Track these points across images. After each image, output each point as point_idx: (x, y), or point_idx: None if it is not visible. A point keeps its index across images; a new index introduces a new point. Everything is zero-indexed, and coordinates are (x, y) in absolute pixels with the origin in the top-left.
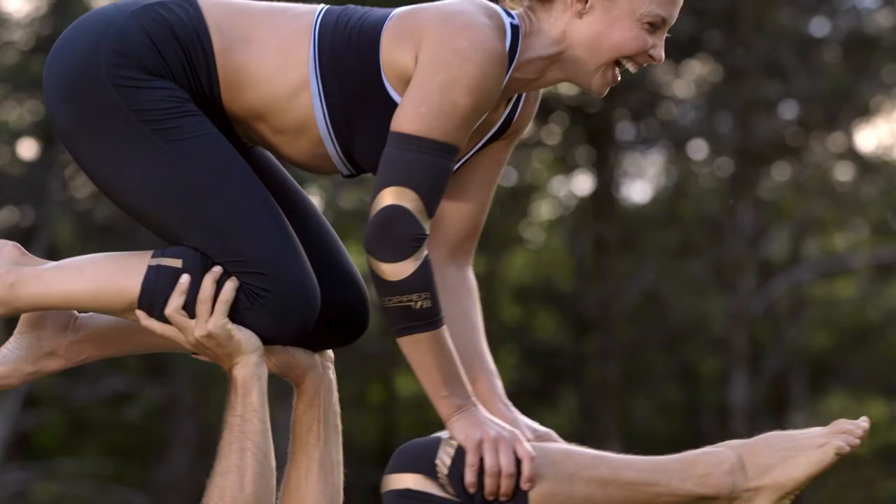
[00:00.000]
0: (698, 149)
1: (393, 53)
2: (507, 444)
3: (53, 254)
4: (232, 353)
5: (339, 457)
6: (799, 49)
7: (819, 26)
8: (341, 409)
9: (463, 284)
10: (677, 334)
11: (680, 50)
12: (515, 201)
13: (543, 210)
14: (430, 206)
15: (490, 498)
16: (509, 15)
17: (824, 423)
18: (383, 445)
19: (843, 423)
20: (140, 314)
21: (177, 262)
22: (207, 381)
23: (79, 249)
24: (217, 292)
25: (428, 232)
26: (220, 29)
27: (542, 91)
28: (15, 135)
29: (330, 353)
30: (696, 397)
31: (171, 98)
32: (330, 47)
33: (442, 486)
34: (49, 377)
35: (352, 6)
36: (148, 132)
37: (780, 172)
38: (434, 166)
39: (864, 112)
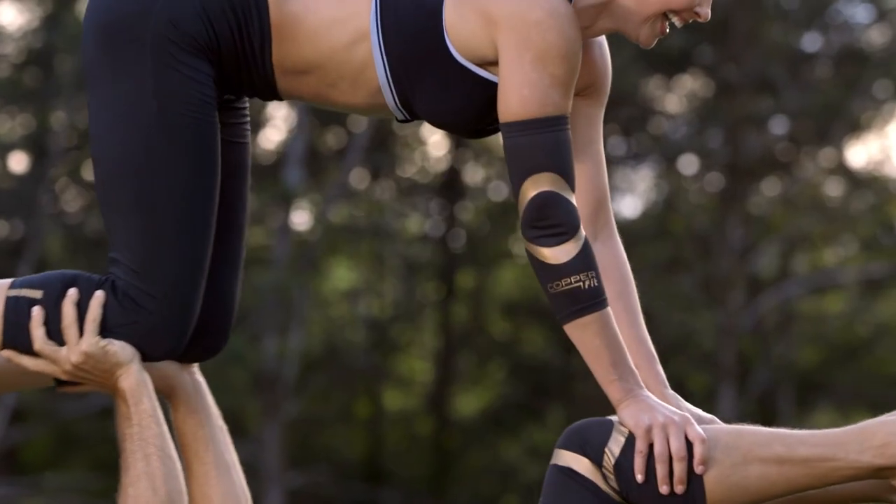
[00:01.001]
0: (689, 164)
1: (458, 26)
2: (678, 428)
3: (42, 267)
4: (112, 368)
5: (233, 455)
6: (790, 64)
7: (811, 41)
8: (329, 425)
9: (612, 262)
10: (666, 349)
11: (671, 65)
12: (505, 216)
13: None
14: (572, 181)
15: (663, 484)
16: None
17: None
18: (370, 461)
19: None
20: (8, 354)
21: (36, 293)
22: None
23: (68, 263)
24: (83, 311)
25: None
26: None
27: (604, 40)
28: (6, 148)
29: None
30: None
31: (197, 93)
32: (393, 4)
33: (605, 477)
34: (36, 391)
35: None
36: (154, 109)
37: (771, 188)
38: (560, 141)
39: (855, 127)
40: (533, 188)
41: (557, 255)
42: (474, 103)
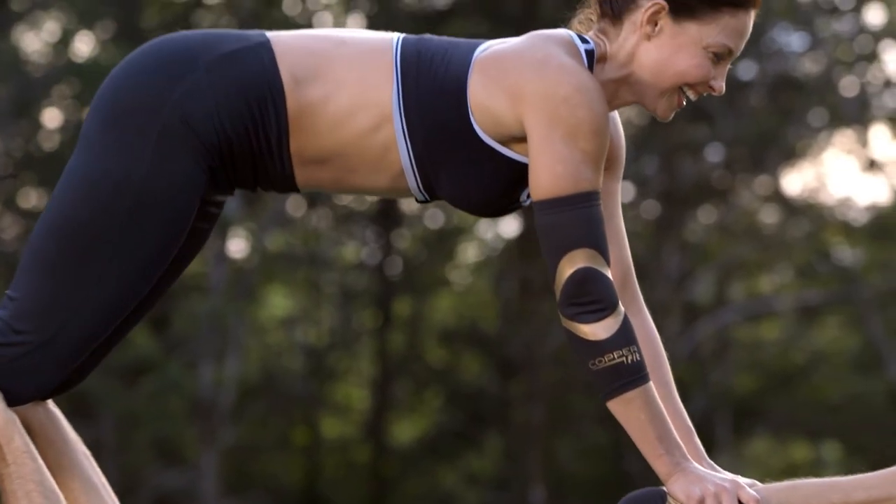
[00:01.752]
0: (625, 191)
1: (484, 104)
2: (731, 495)
3: None
4: None
5: (101, 478)
6: (725, 92)
7: (746, 70)
8: (266, 452)
9: (644, 336)
10: None
11: None
12: (442, 244)
13: (470, 252)
14: (607, 256)
15: None
16: (583, 40)
17: (749, 466)
18: (308, 488)
19: None
20: None
21: None
22: (131, 423)
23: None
24: None
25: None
26: (295, 75)
27: (616, 113)
28: None
29: None
30: (621, 440)
31: (179, 203)
32: (415, 83)
33: None
34: None
35: (427, 36)
36: (129, 203)
37: (706, 215)
38: (593, 216)
39: (790, 155)
40: (570, 266)
41: (598, 331)
42: (499, 184)
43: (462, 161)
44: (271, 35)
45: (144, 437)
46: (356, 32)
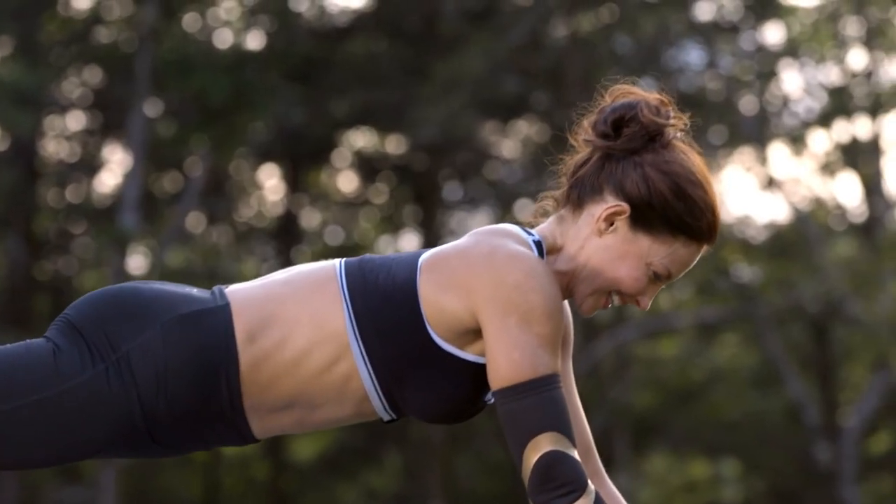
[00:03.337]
0: (525, 209)
1: (437, 305)
2: None
3: None
4: None
5: None
6: None
7: (646, 87)
8: (165, 468)
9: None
10: None
11: (507, 110)
12: None
13: None
14: (573, 437)
15: None
16: (528, 233)
17: (648, 483)
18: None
19: None
20: None
21: None
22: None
23: None
24: None
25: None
26: (250, 331)
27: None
28: None
29: None
30: None
31: (96, 444)
32: (365, 308)
33: None
34: None
35: (367, 257)
36: (61, 400)
37: None
38: (555, 400)
39: None
40: (535, 452)
41: None
42: (463, 390)
43: (424, 374)
44: (230, 291)
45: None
46: (300, 267)
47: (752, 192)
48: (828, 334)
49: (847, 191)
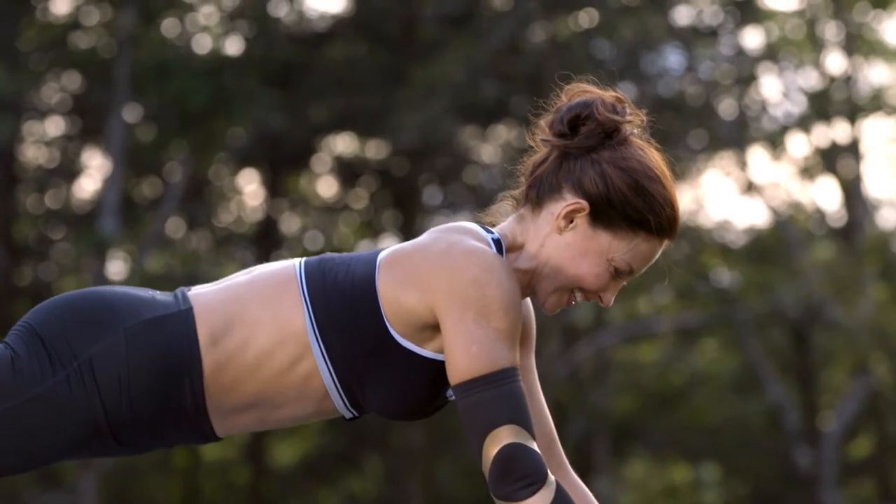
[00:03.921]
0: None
1: (395, 301)
2: None
3: None
4: None
5: None
6: None
7: (625, 92)
8: (146, 474)
9: (578, 496)
10: None
11: (486, 115)
12: None
13: None
14: (531, 429)
15: None
16: (487, 231)
17: (628, 488)
18: None
19: None
20: None
21: None
22: None
23: None
24: None
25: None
26: (213, 335)
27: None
28: None
29: None
30: None
31: (63, 448)
32: (325, 306)
33: None
34: None
35: (327, 255)
36: (26, 405)
37: None
38: (514, 393)
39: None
40: (494, 445)
41: None
42: (423, 388)
43: (384, 371)
44: (193, 295)
45: None
46: (262, 268)
47: (731, 197)
48: (808, 339)
49: (826, 195)
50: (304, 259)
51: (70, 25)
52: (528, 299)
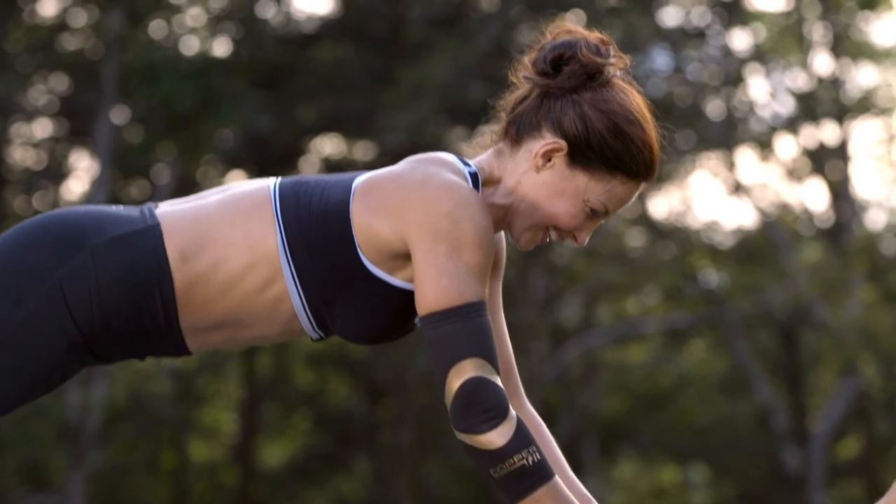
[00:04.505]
0: None
1: (368, 229)
2: None
3: None
4: None
5: None
6: None
7: None
8: (134, 475)
9: (532, 428)
10: None
11: (473, 116)
12: None
13: None
14: (496, 364)
15: None
16: (465, 163)
17: (616, 489)
18: None
19: None
20: None
21: None
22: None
23: None
24: None
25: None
26: (183, 252)
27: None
28: None
29: None
30: None
31: (46, 371)
32: (298, 227)
33: None
34: None
35: (303, 177)
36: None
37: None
38: (480, 326)
39: (657, 178)
40: (458, 377)
41: (494, 439)
42: (389, 315)
43: (352, 296)
44: (161, 213)
45: (12, 461)
46: (234, 187)
47: (719, 198)
48: (796, 340)
49: (814, 196)
50: (278, 180)
51: (57, 27)
52: (502, 233)
